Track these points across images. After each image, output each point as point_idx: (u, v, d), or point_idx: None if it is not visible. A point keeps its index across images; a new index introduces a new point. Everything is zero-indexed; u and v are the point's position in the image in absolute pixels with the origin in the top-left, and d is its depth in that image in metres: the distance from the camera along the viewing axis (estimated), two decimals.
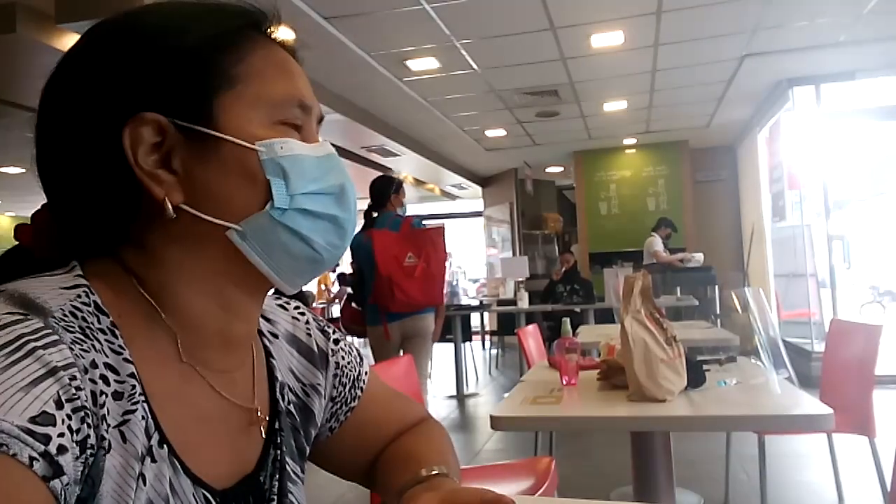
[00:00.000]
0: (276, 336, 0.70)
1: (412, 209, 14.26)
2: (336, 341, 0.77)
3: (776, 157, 6.91)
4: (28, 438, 0.42)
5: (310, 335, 0.74)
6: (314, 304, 10.03)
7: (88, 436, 0.46)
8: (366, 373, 0.79)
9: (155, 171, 0.54)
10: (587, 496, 0.99)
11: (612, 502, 2.62)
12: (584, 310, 6.32)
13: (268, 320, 0.71)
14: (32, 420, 0.43)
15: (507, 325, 8.03)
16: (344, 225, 0.60)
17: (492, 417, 1.65)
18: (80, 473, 0.45)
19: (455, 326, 6.26)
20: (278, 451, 0.65)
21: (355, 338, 4.34)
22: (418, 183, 10.39)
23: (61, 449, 0.44)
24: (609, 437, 3.81)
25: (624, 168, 9.07)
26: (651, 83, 6.11)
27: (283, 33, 0.65)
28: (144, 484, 0.50)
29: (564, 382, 1.95)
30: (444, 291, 4.08)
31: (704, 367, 1.84)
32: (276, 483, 0.64)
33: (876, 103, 6.46)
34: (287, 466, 0.65)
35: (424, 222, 3.85)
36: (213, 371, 0.59)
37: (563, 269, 7.55)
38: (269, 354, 0.68)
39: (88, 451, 0.46)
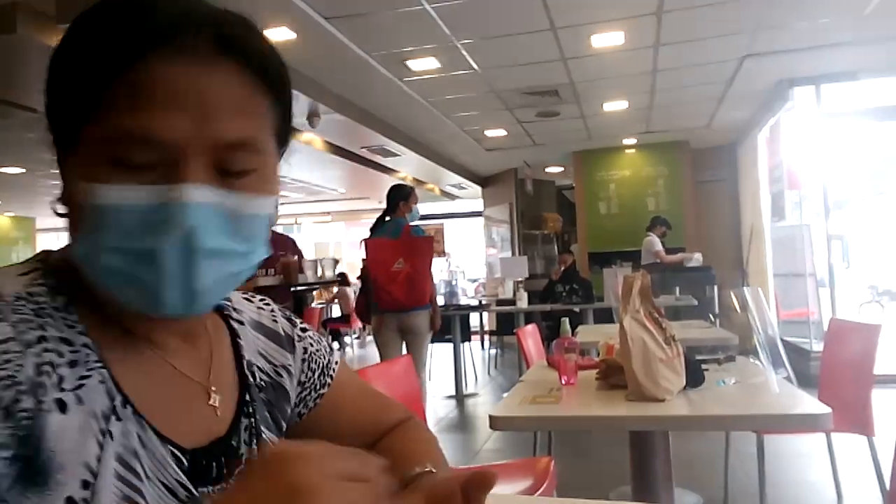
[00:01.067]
0: (241, 323, 0.74)
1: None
2: (303, 329, 0.80)
3: (776, 157, 6.91)
4: None
5: (275, 321, 0.77)
6: (313, 304, 10.02)
7: (18, 400, 0.50)
8: (336, 362, 0.81)
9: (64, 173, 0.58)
10: (586, 496, 0.99)
11: (612, 502, 2.63)
12: (583, 310, 6.32)
13: (235, 310, 0.75)
14: None
15: (506, 325, 8.02)
16: (154, 289, 0.54)
17: (491, 417, 1.66)
18: (7, 435, 0.49)
19: (454, 326, 6.26)
20: (251, 420, 0.68)
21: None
22: (418, 183, 10.39)
23: None
24: (608, 437, 3.81)
25: (624, 168, 9.07)
26: (651, 83, 6.11)
27: (282, 34, 0.64)
28: (112, 439, 0.55)
29: (563, 382, 1.95)
30: (440, 292, 4.88)
31: (703, 366, 1.85)
32: (252, 449, 0.67)
33: (876, 103, 6.46)
34: (263, 435, 0.69)
35: (423, 226, 4.64)
36: (164, 348, 0.63)
37: (562, 268, 7.55)
38: (235, 335, 0.72)
39: (21, 415, 0.50)
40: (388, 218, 4.22)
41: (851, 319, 2.63)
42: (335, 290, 11.23)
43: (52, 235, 16.77)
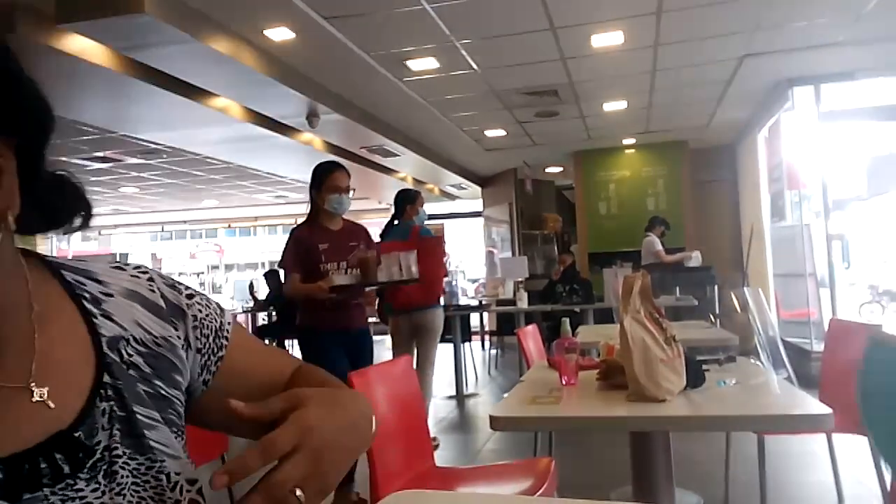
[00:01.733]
0: (109, 295, 0.70)
1: None
2: (190, 296, 0.77)
3: (776, 157, 6.91)
4: None
5: (153, 291, 0.74)
6: None
7: None
8: (229, 323, 0.80)
9: None
10: (587, 496, 0.99)
11: (612, 502, 2.62)
12: (584, 310, 6.32)
13: (98, 282, 0.71)
14: None
15: (506, 326, 8.02)
16: None
17: (491, 417, 1.65)
18: None
19: (454, 326, 6.25)
20: (111, 403, 0.64)
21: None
22: (418, 183, 10.39)
23: None
24: (609, 437, 3.81)
25: (623, 168, 9.07)
26: (651, 83, 6.11)
27: (282, 34, 0.64)
28: None
29: (564, 382, 1.95)
30: (445, 291, 4.96)
31: (704, 367, 1.84)
32: (114, 433, 0.63)
33: (875, 103, 6.46)
34: (136, 415, 0.65)
35: (429, 224, 4.58)
36: None
37: (562, 269, 7.55)
38: (90, 315, 0.68)
39: None
40: (396, 222, 4.42)
41: (852, 320, 2.63)
42: None
43: (51, 236, 16.75)
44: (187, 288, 0.78)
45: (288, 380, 0.82)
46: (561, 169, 10.14)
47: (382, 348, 5.22)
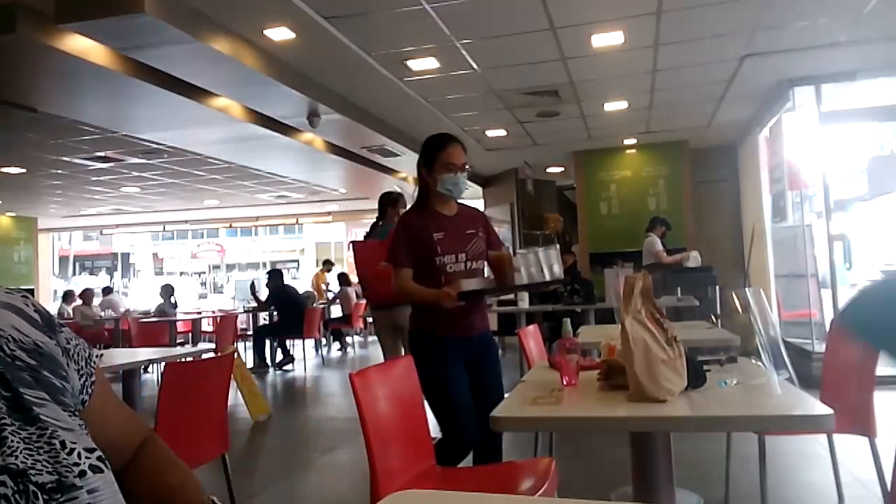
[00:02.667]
0: None
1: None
2: (60, 324, 0.84)
3: (777, 157, 6.90)
4: None
5: (28, 306, 0.81)
6: (314, 304, 10.01)
7: None
8: (97, 356, 0.88)
9: None
10: (587, 496, 0.99)
11: (612, 503, 2.62)
12: (585, 310, 6.31)
13: None
14: None
15: (507, 326, 8.02)
16: None
17: (492, 418, 1.65)
18: None
19: None
20: None
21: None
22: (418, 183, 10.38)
23: None
24: (609, 438, 3.81)
25: (624, 168, 9.06)
26: (651, 83, 6.11)
27: (282, 34, 0.64)
28: None
29: (565, 383, 1.95)
30: None
31: (705, 367, 1.84)
32: (1, 407, 0.70)
33: (876, 103, 6.46)
34: (22, 395, 0.71)
35: None
36: None
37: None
38: None
39: None
40: (380, 223, 4.51)
41: None
42: (337, 289, 11.22)
43: (53, 235, 16.79)
44: (58, 318, 0.87)
45: (137, 447, 0.92)
46: (562, 169, 10.14)
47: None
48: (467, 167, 2.76)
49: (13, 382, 0.71)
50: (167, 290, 9.99)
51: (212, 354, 3.98)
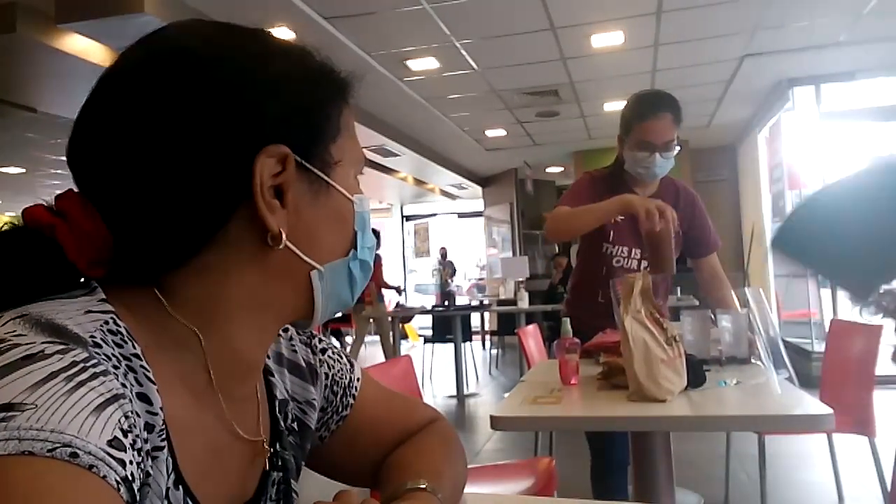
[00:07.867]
0: (268, 357, 0.68)
1: (413, 209, 14.30)
2: (322, 350, 0.75)
3: (776, 157, 6.91)
4: (112, 462, 0.41)
5: (294, 351, 0.72)
6: None
7: (142, 466, 0.45)
8: (358, 378, 0.78)
9: (272, 201, 0.54)
10: (587, 496, 0.99)
11: (612, 502, 2.62)
12: None
13: None
14: (110, 444, 0.41)
15: (507, 325, 8.02)
16: (369, 275, 0.65)
17: (492, 417, 1.65)
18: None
19: (455, 326, 6.25)
20: (281, 473, 0.64)
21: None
22: (418, 183, 10.39)
23: (133, 477, 0.43)
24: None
25: None
26: (651, 83, 6.11)
27: (282, 34, 0.65)
28: None
29: (564, 383, 1.95)
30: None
31: (705, 367, 1.84)
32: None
33: (876, 103, 6.46)
34: (292, 491, 0.65)
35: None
36: (232, 401, 0.57)
37: (560, 270, 7.57)
38: (268, 373, 0.67)
39: (141, 483, 0.45)
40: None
41: (853, 320, 2.62)
42: None
43: None
44: (320, 341, 0.76)
45: (413, 432, 0.79)
46: (562, 169, 10.14)
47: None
48: (675, 144, 2.16)
49: (290, 474, 0.65)
50: None
51: None
